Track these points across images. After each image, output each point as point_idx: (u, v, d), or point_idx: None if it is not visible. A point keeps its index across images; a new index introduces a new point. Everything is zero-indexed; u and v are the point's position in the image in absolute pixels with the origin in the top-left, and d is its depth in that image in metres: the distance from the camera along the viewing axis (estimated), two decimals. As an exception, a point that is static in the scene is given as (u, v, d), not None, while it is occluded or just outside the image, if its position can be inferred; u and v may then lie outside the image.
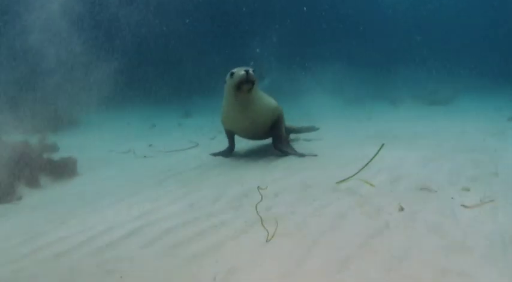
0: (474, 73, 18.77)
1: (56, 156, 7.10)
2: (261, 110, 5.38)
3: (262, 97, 5.46)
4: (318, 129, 7.16)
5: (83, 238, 3.17)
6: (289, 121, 6.62)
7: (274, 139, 5.63)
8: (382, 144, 4.57)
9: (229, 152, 5.94)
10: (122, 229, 3.29)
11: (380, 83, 19.99)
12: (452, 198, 3.55)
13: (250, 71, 5.00)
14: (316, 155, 5.39)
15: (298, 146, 6.06)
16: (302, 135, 7.15)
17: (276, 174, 4.65)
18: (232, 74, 5.11)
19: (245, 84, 4.99)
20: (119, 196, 4.29)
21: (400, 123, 8.95)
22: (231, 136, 5.97)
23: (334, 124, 9.13)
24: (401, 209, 3.25)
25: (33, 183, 4.96)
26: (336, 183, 4.12)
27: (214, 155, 5.99)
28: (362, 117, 10.52)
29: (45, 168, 5.29)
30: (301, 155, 5.35)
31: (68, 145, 8.67)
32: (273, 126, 5.60)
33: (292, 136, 6.96)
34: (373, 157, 4.46)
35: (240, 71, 5.00)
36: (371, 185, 3.92)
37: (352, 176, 4.20)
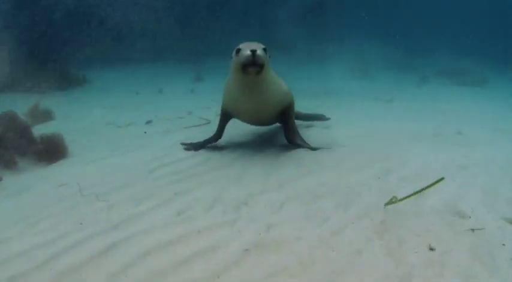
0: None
1: (49, 127, 6.61)
2: (271, 95, 4.58)
3: (273, 80, 4.62)
4: (328, 119, 6.43)
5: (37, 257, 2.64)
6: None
7: (286, 130, 4.87)
8: (441, 178, 3.65)
9: (217, 139, 4.96)
10: (90, 248, 2.74)
11: (409, 56, 18.93)
12: (489, 232, 2.91)
13: (259, 51, 4.01)
14: (330, 148, 4.74)
15: (309, 135, 5.42)
16: (317, 122, 6.45)
17: (283, 174, 4.04)
18: (238, 51, 4.18)
19: (251, 67, 4.07)
20: (91, 194, 3.73)
21: (431, 109, 8.19)
22: (225, 120, 4.96)
23: (351, 106, 8.43)
24: (431, 249, 2.63)
25: (11, 166, 4.44)
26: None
27: (194, 148, 4.89)
28: (383, 96, 9.72)
29: (26, 150, 4.74)
30: (314, 149, 4.69)
31: (67, 112, 8.16)
32: (282, 114, 4.84)
33: (304, 123, 6.30)
34: (423, 190, 3.66)
35: (245, 50, 4.03)
36: (393, 201, 3.26)
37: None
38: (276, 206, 3.33)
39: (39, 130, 5.53)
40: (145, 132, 6.27)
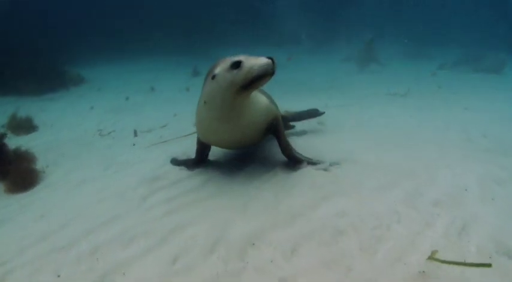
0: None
1: (31, 141, 6.10)
2: (255, 114, 3.89)
3: (253, 97, 3.89)
4: (322, 113, 5.65)
5: None
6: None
7: (281, 146, 4.18)
8: (488, 264, 2.45)
9: (195, 165, 4.35)
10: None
11: (424, 45, 18.24)
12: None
13: (275, 59, 3.36)
14: (343, 163, 4.15)
15: (312, 144, 4.83)
16: (315, 125, 5.84)
17: (295, 199, 3.47)
18: (238, 65, 3.39)
19: (265, 79, 3.37)
20: (75, 231, 3.20)
21: (450, 104, 7.54)
22: (203, 148, 4.37)
23: (361, 103, 7.82)
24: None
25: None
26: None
27: (188, 166, 4.36)
28: (397, 89, 9.08)
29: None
30: (319, 163, 4.09)
31: (53, 117, 7.66)
32: (272, 131, 4.15)
33: (309, 126, 5.71)
34: (467, 265, 2.56)
35: (261, 60, 3.31)
36: (434, 258, 2.65)
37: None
38: (288, 248, 2.79)
39: (22, 142, 5.32)
40: (134, 145, 5.71)
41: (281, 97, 8.61)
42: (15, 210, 3.88)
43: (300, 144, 4.66)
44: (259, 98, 4.07)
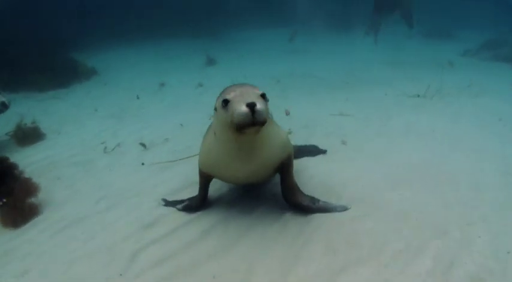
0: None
1: (35, 155, 5.74)
2: (270, 151, 3.34)
3: (271, 130, 3.37)
4: (324, 152, 5.02)
5: None
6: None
7: (285, 189, 3.62)
8: None
9: (199, 205, 3.84)
10: None
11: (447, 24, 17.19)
12: None
13: (259, 105, 2.72)
14: (347, 209, 3.61)
15: (323, 172, 4.30)
16: (338, 146, 5.29)
17: (308, 268, 2.97)
18: (226, 104, 2.90)
19: (249, 128, 2.85)
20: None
21: (484, 113, 6.75)
22: (206, 183, 3.84)
23: (380, 105, 7.17)
24: None
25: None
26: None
27: (185, 209, 3.87)
28: (416, 87, 8.31)
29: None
30: (331, 210, 3.59)
31: (59, 121, 7.29)
32: (281, 169, 3.57)
33: (321, 145, 5.16)
34: None
35: (239, 105, 2.74)
36: None
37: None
38: None
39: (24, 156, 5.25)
40: (143, 164, 5.25)
41: (286, 97, 8.10)
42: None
43: (310, 172, 4.24)
44: (277, 130, 3.53)
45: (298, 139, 5.43)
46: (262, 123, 2.78)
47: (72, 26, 16.12)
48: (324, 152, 5.02)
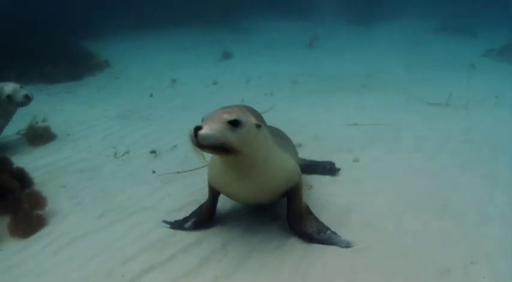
0: None
1: (44, 157, 5.78)
2: (269, 179, 3.30)
3: (273, 157, 3.26)
4: (338, 170, 4.89)
5: None
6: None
7: (290, 214, 3.60)
8: None
9: (207, 219, 3.86)
10: None
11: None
12: None
13: (204, 131, 2.72)
14: (350, 246, 3.50)
15: (333, 196, 4.23)
16: (351, 164, 5.18)
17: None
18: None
19: (205, 149, 2.83)
20: None
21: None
22: (215, 195, 3.83)
23: (398, 115, 6.99)
24: None
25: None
26: None
27: (185, 227, 3.85)
28: (434, 95, 8.10)
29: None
30: (336, 243, 3.51)
31: (68, 121, 7.33)
32: (287, 195, 3.55)
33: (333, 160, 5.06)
34: None
35: (191, 129, 2.76)
36: None
37: None
38: None
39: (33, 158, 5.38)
40: (154, 172, 5.27)
41: (299, 101, 7.98)
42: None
43: (318, 192, 4.18)
44: (286, 158, 3.46)
45: (307, 152, 5.35)
46: (208, 147, 2.76)
47: (85, 17, 16.10)
48: (338, 170, 4.90)
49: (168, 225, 3.96)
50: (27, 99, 6.04)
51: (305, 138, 5.95)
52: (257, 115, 3.15)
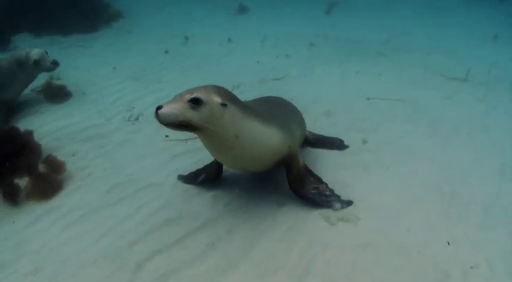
0: None
1: (51, 121, 5.83)
2: (248, 151, 3.51)
3: (248, 132, 3.41)
4: (346, 147, 4.99)
5: None
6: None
7: (289, 181, 3.91)
8: None
9: (214, 177, 4.28)
10: None
11: None
12: None
13: (163, 109, 2.99)
14: (351, 204, 3.58)
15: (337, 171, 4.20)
16: (362, 146, 5.10)
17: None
18: None
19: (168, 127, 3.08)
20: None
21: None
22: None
23: (415, 89, 6.77)
24: None
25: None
26: None
27: (196, 183, 4.33)
28: (452, 67, 7.79)
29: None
30: (346, 204, 3.83)
31: (82, 78, 7.29)
32: (283, 164, 3.85)
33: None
34: None
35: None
36: None
37: None
38: None
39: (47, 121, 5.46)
40: (166, 136, 5.37)
41: (313, 69, 7.77)
42: (11, 247, 3.72)
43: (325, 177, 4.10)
44: (265, 133, 3.54)
45: (319, 130, 5.28)
46: (168, 124, 3.00)
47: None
48: (346, 147, 4.99)
49: (181, 181, 4.38)
50: (55, 64, 6.22)
51: (317, 115, 5.85)
52: (226, 94, 3.27)
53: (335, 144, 5.01)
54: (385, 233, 3.63)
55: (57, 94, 6.66)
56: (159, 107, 2.98)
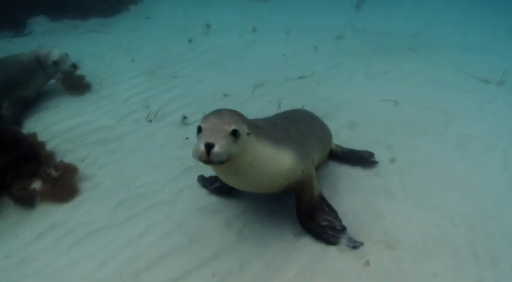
0: None
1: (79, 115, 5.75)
2: (258, 177, 3.24)
3: (261, 158, 3.12)
4: (376, 163, 4.63)
5: None
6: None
7: (298, 211, 3.62)
8: None
9: (227, 191, 4.09)
10: None
11: None
12: None
13: (218, 147, 2.64)
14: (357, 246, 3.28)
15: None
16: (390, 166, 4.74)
17: None
18: (199, 132, 2.83)
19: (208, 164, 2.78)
20: None
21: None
22: None
23: (433, 96, 6.26)
24: None
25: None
26: None
27: (209, 189, 4.23)
28: (485, 68, 7.25)
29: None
30: (354, 244, 3.49)
31: (100, 68, 7.07)
32: (294, 190, 3.56)
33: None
34: None
35: (200, 144, 2.66)
36: None
37: None
38: None
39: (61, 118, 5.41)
40: (187, 138, 5.19)
41: (340, 68, 7.34)
42: (14, 266, 3.57)
43: (345, 206, 3.73)
44: (277, 158, 3.24)
45: (341, 144, 4.93)
46: (218, 163, 2.72)
47: None
48: (375, 162, 4.63)
49: (199, 180, 4.34)
50: (74, 68, 6.21)
51: (340, 125, 5.47)
52: (246, 121, 3.00)
53: (363, 157, 4.65)
54: (409, 278, 3.32)
55: (76, 85, 6.53)
56: (209, 146, 2.64)
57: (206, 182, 4.26)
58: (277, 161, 3.26)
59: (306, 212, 3.58)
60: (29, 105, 6.14)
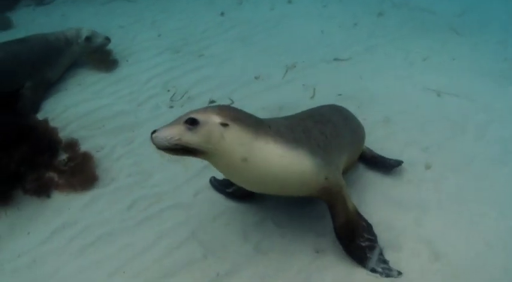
0: None
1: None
2: (262, 177, 2.96)
3: (259, 155, 2.87)
4: (400, 163, 4.22)
5: None
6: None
7: (336, 230, 3.29)
8: None
9: (242, 195, 3.88)
10: None
11: None
12: None
13: (156, 133, 2.72)
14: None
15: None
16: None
17: None
18: None
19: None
20: None
21: None
22: None
23: (475, 89, 5.67)
24: None
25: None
26: None
27: (226, 192, 4.02)
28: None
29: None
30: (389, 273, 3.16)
31: (126, 44, 6.82)
32: (323, 201, 3.27)
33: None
34: None
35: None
36: None
37: None
38: None
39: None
40: None
41: (374, 52, 6.78)
42: (26, 267, 3.52)
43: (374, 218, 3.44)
44: (285, 158, 2.93)
45: (372, 144, 4.54)
46: (164, 149, 2.75)
47: None
48: (400, 163, 4.25)
49: (213, 184, 4.14)
50: (108, 40, 6.33)
51: (373, 121, 5.04)
52: (229, 114, 2.83)
53: (393, 166, 4.24)
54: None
55: (103, 60, 6.36)
56: (153, 131, 2.74)
57: (220, 186, 4.04)
58: (288, 162, 2.95)
59: (346, 233, 3.27)
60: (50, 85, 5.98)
